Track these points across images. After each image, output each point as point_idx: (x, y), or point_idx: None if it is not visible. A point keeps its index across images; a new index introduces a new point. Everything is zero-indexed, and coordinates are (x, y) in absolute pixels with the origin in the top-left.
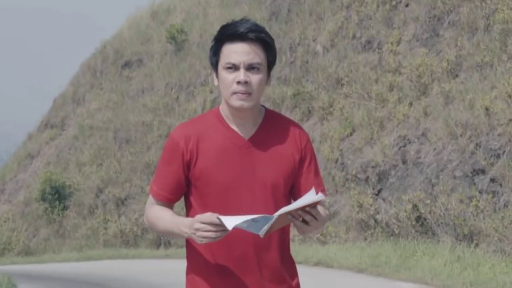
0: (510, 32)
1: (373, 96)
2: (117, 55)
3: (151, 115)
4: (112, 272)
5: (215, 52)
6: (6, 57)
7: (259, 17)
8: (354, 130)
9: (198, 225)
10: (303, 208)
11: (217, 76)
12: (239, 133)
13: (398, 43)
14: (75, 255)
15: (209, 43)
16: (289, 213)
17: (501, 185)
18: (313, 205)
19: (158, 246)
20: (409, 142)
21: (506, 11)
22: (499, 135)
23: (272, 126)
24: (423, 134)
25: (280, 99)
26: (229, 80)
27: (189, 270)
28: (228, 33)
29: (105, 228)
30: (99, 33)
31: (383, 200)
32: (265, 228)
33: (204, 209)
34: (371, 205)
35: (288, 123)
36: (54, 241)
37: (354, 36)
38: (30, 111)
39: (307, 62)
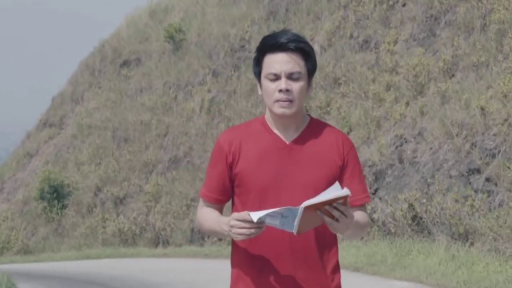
0: (506, 32)
1: (370, 95)
2: (115, 54)
3: (150, 114)
4: (111, 271)
5: (258, 62)
6: (4, 56)
7: (257, 16)
8: (351, 130)
9: (233, 222)
10: (330, 203)
11: (260, 86)
12: (281, 137)
13: (395, 42)
14: (74, 254)
15: (208, 42)
16: (317, 208)
17: (496, 184)
18: (342, 202)
19: (156, 245)
20: (406, 142)
21: (502, 11)
22: (494, 135)
23: (314, 132)
24: (419, 134)
25: None
26: (271, 88)
27: (233, 264)
28: (269, 44)
29: (104, 227)
30: (99, 32)
31: (380, 199)
32: (295, 223)
33: (244, 208)
34: (367, 204)
35: (331, 130)
36: (53, 240)
37: (351, 36)
38: (28, 109)
39: None
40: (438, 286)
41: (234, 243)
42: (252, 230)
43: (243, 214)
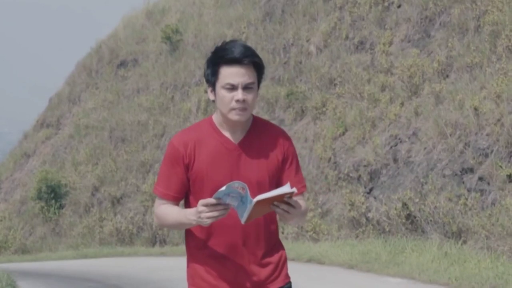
0: (499, 34)
1: (365, 96)
2: (112, 54)
3: (146, 115)
4: (108, 269)
5: (213, 73)
6: (0, 55)
7: (253, 17)
8: (346, 130)
9: (200, 208)
10: (278, 198)
11: (212, 91)
12: (230, 138)
13: (390, 43)
14: (71, 253)
15: (204, 43)
16: (267, 203)
17: (488, 183)
18: (289, 196)
19: (153, 244)
20: (400, 142)
21: (496, 13)
22: (487, 134)
23: (258, 131)
24: (414, 134)
25: (274, 99)
26: (228, 98)
27: (189, 255)
28: (226, 58)
29: (101, 227)
30: (99, 31)
31: (375, 198)
32: (245, 215)
33: None
34: (362, 204)
35: (273, 128)
36: (50, 240)
37: (347, 37)
38: (25, 109)
39: (300, 62)
40: (430, 282)
41: (188, 237)
42: (219, 212)
43: (209, 199)
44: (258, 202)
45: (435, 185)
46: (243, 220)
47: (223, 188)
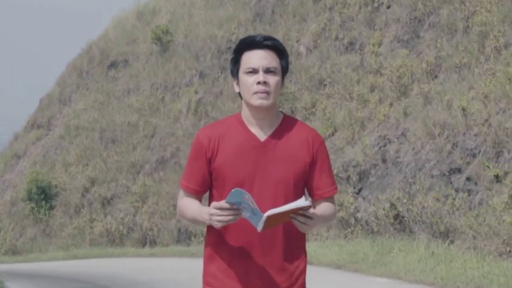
0: (487, 34)
1: (354, 96)
2: (103, 55)
3: (137, 115)
4: (99, 270)
5: (236, 61)
6: None
7: (243, 18)
8: (336, 130)
9: (212, 211)
10: (293, 212)
11: (237, 83)
12: (256, 134)
13: (380, 44)
14: (62, 254)
15: (194, 44)
16: (284, 214)
17: (476, 183)
18: (306, 209)
19: (143, 245)
20: (389, 142)
21: (484, 14)
22: (475, 135)
23: (287, 130)
24: (402, 134)
25: None
26: (250, 82)
27: (207, 243)
28: (247, 42)
29: (91, 227)
30: (93, 32)
31: (363, 198)
32: (260, 224)
33: (221, 199)
34: (351, 204)
35: (303, 127)
36: (41, 241)
37: (336, 38)
38: (19, 109)
39: (290, 62)
40: (416, 282)
41: (208, 233)
42: (230, 217)
43: (221, 203)
44: (270, 216)
45: (423, 185)
46: (259, 228)
47: (233, 191)
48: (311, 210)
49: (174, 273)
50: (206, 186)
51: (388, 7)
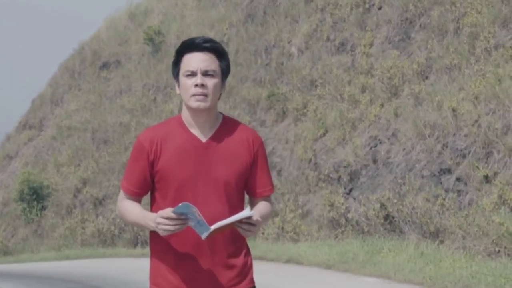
0: (478, 35)
1: (345, 97)
2: (95, 56)
3: (129, 116)
4: (91, 270)
5: (176, 63)
6: None
7: (235, 19)
8: (327, 131)
9: (159, 220)
10: (239, 221)
11: (178, 85)
12: (197, 135)
13: (371, 45)
14: (53, 255)
15: None
16: (228, 225)
17: (466, 184)
18: (248, 219)
19: (135, 245)
20: (380, 143)
21: (475, 15)
22: (465, 135)
23: (227, 131)
24: (393, 135)
25: (255, 100)
26: (188, 84)
27: (152, 254)
28: (187, 44)
29: (83, 228)
30: (89, 32)
31: (354, 199)
32: (205, 234)
33: (164, 202)
34: (342, 204)
35: (243, 128)
36: (33, 241)
37: (328, 39)
38: (11, 110)
39: (282, 63)
40: (405, 282)
41: (153, 235)
42: (177, 227)
43: (167, 212)
44: (216, 228)
45: (413, 185)
46: (203, 237)
47: (181, 205)
48: (254, 217)
49: None
50: (147, 188)
51: (379, 8)
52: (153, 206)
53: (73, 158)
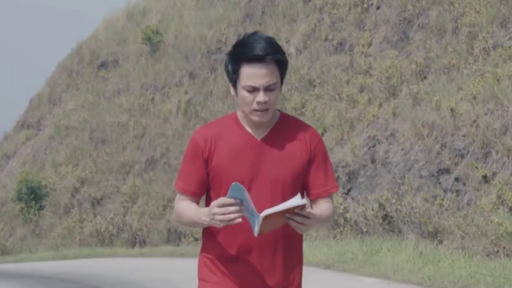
0: (476, 35)
1: (344, 97)
2: (93, 55)
3: (127, 116)
4: (89, 270)
5: (234, 71)
6: None
7: (233, 18)
8: (325, 131)
9: (215, 210)
10: (289, 212)
11: (235, 90)
12: (253, 134)
13: (369, 45)
14: (51, 254)
15: (184, 44)
16: (280, 214)
17: (464, 184)
18: (301, 208)
19: (133, 245)
20: (378, 143)
21: (473, 15)
22: (463, 135)
23: (284, 128)
24: (391, 135)
25: None
26: (249, 99)
27: (202, 250)
28: (247, 56)
29: (81, 228)
30: (87, 31)
31: (352, 199)
32: (256, 228)
33: None
34: (340, 204)
35: (300, 125)
36: (31, 241)
37: (326, 38)
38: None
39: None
40: (404, 282)
41: (206, 233)
42: (233, 215)
43: (224, 199)
44: (267, 216)
45: (411, 185)
46: (255, 233)
47: (233, 184)
48: (308, 209)
49: (164, 273)
50: (205, 188)
51: (378, 8)
52: (208, 201)
53: (71, 157)
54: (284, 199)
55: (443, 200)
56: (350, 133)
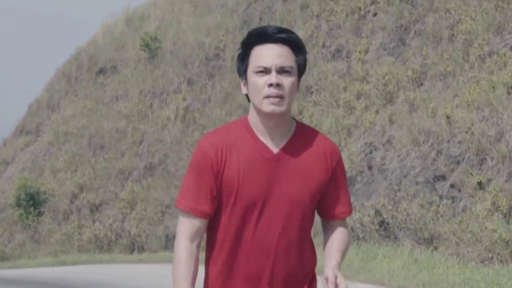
0: (472, 42)
1: (341, 103)
2: (91, 62)
3: (125, 122)
4: (87, 276)
5: (243, 57)
6: None
7: (231, 25)
8: None
9: None
10: None
11: (245, 84)
12: (268, 145)
13: (366, 52)
14: (50, 260)
15: (183, 51)
16: None
17: (460, 190)
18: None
19: (131, 251)
20: (375, 149)
21: (469, 22)
22: (459, 142)
23: (302, 141)
24: (388, 141)
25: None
26: (260, 83)
27: (206, 281)
28: (257, 34)
29: (80, 234)
30: (86, 37)
31: None
32: None
33: (229, 220)
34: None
35: (319, 139)
36: (29, 247)
37: (323, 45)
38: (7, 114)
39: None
40: None
41: (208, 252)
42: None
43: None
44: None
45: (408, 192)
46: None
47: None
48: (338, 280)
49: (162, 279)
50: (214, 208)
51: (375, 15)
52: (213, 220)
53: (69, 163)
54: (301, 221)
55: (438, 206)
56: (347, 140)
